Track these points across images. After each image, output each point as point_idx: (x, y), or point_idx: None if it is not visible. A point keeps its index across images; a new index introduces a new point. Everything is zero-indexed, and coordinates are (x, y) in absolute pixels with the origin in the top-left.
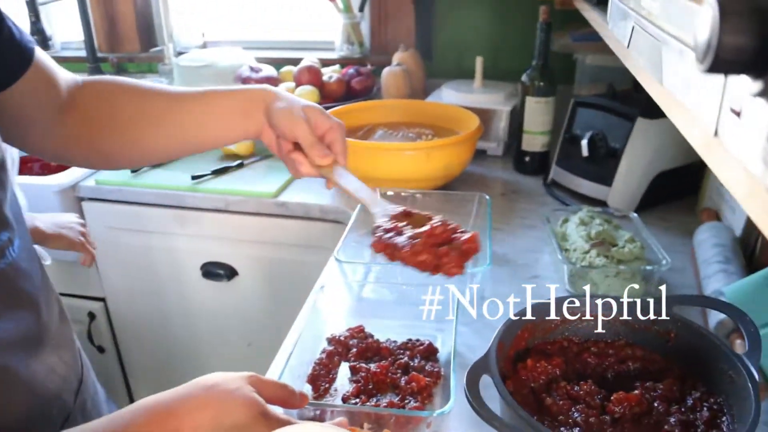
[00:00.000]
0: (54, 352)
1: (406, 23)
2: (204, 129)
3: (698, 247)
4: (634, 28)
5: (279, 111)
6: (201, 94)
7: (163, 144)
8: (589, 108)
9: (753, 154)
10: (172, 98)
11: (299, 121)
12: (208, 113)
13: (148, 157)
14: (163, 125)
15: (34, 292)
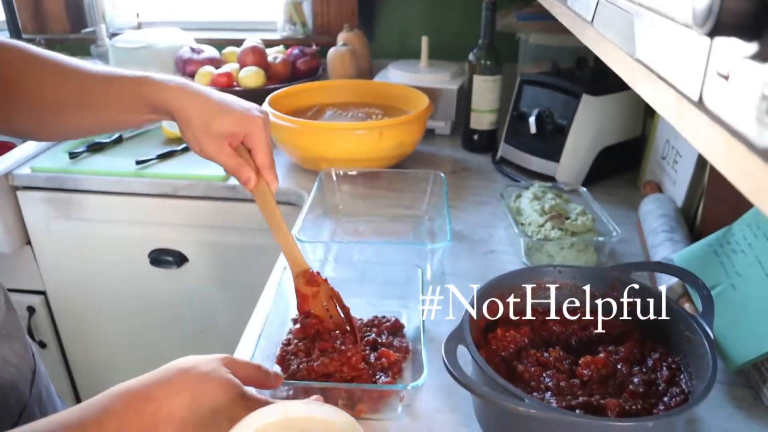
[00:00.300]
0: (5, 343)
1: (349, 3)
2: (107, 120)
3: (644, 218)
4: (599, 2)
5: (188, 133)
6: (109, 81)
7: (70, 127)
8: (536, 86)
9: (744, 116)
10: (81, 83)
11: (210, 146)
12: (111, 107)
13: (59, 137)
14: (69, 111)
15: None
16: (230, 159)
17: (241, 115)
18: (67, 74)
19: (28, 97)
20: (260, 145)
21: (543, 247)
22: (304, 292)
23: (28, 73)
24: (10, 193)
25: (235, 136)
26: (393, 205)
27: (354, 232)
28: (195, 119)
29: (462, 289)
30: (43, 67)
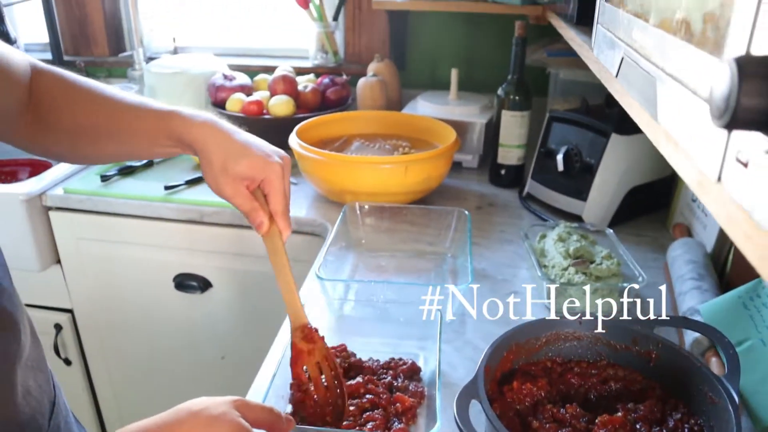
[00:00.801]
0: (30, 374)
1: (381, 33)
2: (136, 150)
3: (672, 263)
4: (624, 59)
5: (207, 172)
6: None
7: (102, 154)
8: (564, 123)
9: (761, 201)
10: (111, 113)
11: (226, 188)
12: (139, 138)
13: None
14: (101, 140)
15: (13, 311)
16: (245, 202)
17: (261, 160)
18: (100, 102)
19: (63, 122)
20: (276, 191)
21: (566, 291)
22: (300, 347)
23: (65, 99)
24: (43, 213)
25: (253, 180)
26: (416, 240)
27: (376, 268)
28: (215, 159)
29: (482, 332)
30: (79, 94)
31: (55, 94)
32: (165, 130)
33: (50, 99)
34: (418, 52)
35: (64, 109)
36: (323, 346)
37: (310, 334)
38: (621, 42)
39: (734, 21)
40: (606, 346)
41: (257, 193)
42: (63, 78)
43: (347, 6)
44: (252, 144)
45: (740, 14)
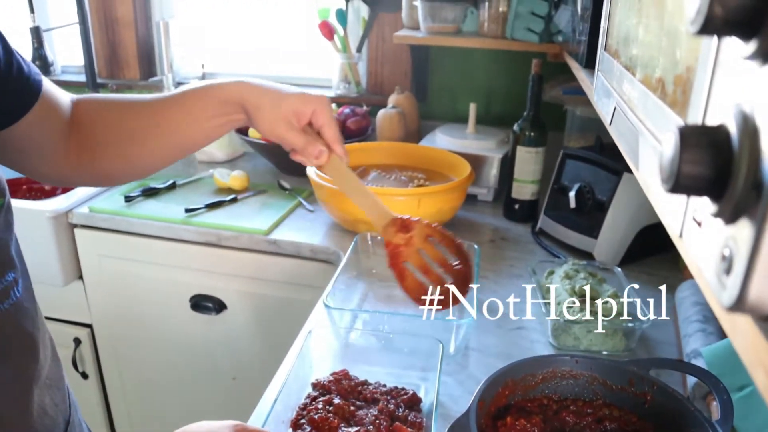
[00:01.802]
0: (46, 393)
1: (403, 66)
2: (187, 136)
3: (680, 304)
4: (616, 109)
5: (259, 117)
6: (179, 99)
7: (154, 156)
8: (578, 160)
9: (709, 265)
10: (154, 109)
11: (280, 126)
12: (188, 121)
13: (146, 171)
14: (150, 139)
15: (34, 332)
16: (300, 136)
17: (306, 94)
18: (140, 106)
19: (109, 136)
20: (328, 121)
21: (570, 328)
22: (396, 241)
23: (105, 114)
24: (68, 230)
25: (303, 114)
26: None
27: (385, 298)
28: (265, 101)
29: (484, 366)
30: (117, 106)
31: (94, 111)
32: (210, 100)
33: (91, 118)
34: (438, 85)
35: (106, 121)
36: (422, 227)
37: (403, 223)
38: (614, 92)
39: (695, 86)
40: (602, 386)
41: (307, 129)
42: (98, 97)
43: (371, 38)
44: (292, 87)
45: (699, 81)
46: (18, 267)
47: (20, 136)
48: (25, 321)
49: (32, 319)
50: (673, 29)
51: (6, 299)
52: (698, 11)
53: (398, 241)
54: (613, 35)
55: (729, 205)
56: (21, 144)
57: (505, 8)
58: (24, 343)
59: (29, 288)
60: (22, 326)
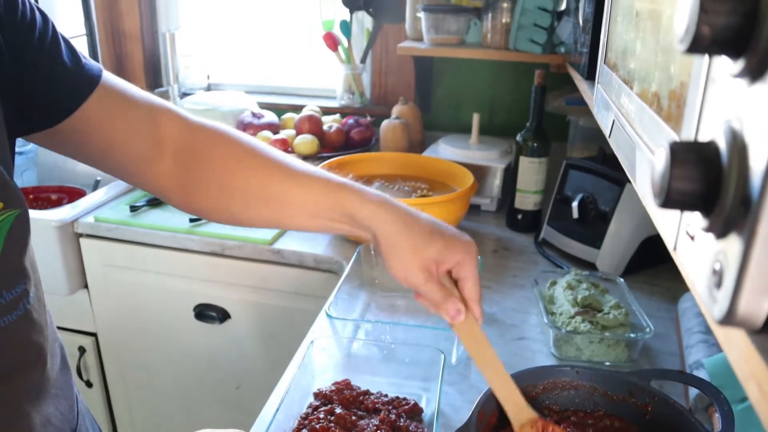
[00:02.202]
0: (52, 403)
1: (406, 77)
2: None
3: (682, 314)
4: (615, 121)
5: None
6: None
7: (250, 219)
8: (581, 171)
9: (701, 279)
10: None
11: (416, 276)
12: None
13: (235, 223)
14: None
15: (43, 342)
16: (439, 288)
17: (456, 241)
18: (261, 166)
19: (214, 180)
20: (472, 275)
21: (572, 339)
22: None
23: (222, 156)
24: (74, 240)
25: (444, 263)
26: None
27: (388, 307)
28: (403, 241)
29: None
30: (237, 154)
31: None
32: (337, 206)
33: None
34: (441, 96)
35: (220, 166)
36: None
37: (546, 428)
38: (613, 105)
39: (689, 102)
40: (603, 397)
41: (444, 278)
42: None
43: (375, 49)
44: (438, 223)
45: (692, 96)
46: (30, 277)
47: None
48: (32, 332)
49: (41, 330)
50: (667, 45)
51: (14, 310)
52: (686, 30)
53: None
54: (613, 48)
55: (719, 220)
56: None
57: (508, 20)
58: (30, 355)
59: (41, 298)
60: (29, 338)
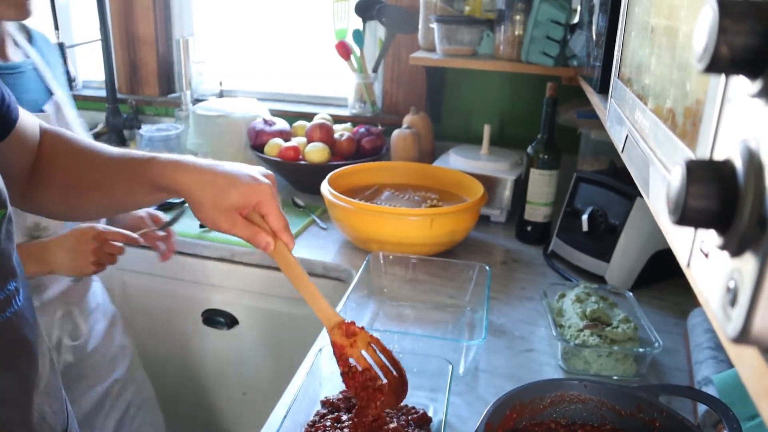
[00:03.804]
0: (45, 401)
1: (418, 86)
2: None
3: (691, 330)
4: (628, 137)
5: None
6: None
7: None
8: (591, 184)
9: (715, 296)
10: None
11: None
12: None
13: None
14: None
15: (34, 341)
16: (245, 229)
17: (249, 186)
18: (89, 158)
19: (56, 179)
20: (272, 210)
21: (580, 352)
22: (341, 342)
23: (61, 156)
24: None
25: (246, 206)
26: (437, 292)
27: (396, 317)
28: (203, 197)
29: (494, 387)
30: (73, 151)
31: (56, 149)
32: (145, 178)
33: (50, 155)
34: (453, 107)
35: (60, 164)
36: (365, 335)
37: (348, 328)
38: (627, 120)
39: (704, 119)
40: (611, 411)
41: (252, 215)
42: (63, 137)
43: (387, 59)
44: (234, 172)
45: (708, 114)
46: (19, 276)
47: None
48: (25, 330)
49: (32, 329)
50: (683, 62)
51: (8, 308)
52: (705, 50)
53: (343, 342)
54: (627, 63)
55: (734, 239)
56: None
57: (520, 32)
58: (24, 352)
59: (29, 298)
60: (23, 335)
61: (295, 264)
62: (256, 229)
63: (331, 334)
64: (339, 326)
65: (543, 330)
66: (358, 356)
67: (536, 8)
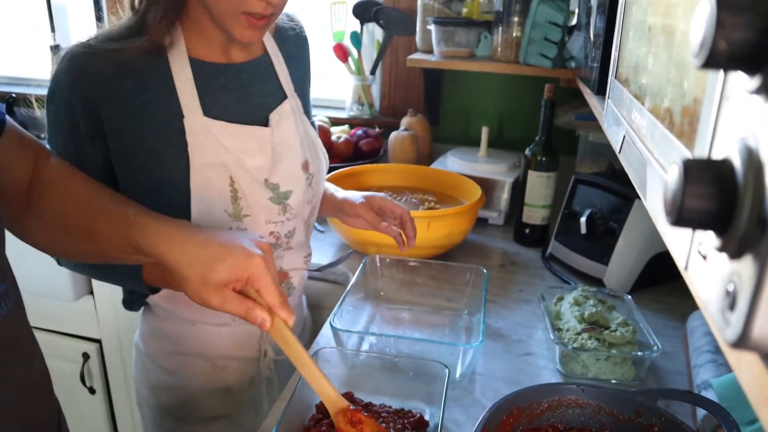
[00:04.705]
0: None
1: (416, 89)
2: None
3: (690, 334)
4: (625, 137)
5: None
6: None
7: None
8: (589, 186)
9: (713, 300)
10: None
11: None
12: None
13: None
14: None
15: (25, 344)
16: (238, 306)
17: (240, 260)
18: (83, 198)
19: (45, 215)
20: (266, 285)
21: (578, 356)
22: (346, 431)
23: (56, 194)
24: None
25: (237, 281)
26: (434, 295)
27: (393, 320)
28: (191, 274)
29: (490, 391)
30: (70, 187)
31: (51, 185)
32: (127, 238)
33: (48, 182)
34: (451, 109)
35: (54, 195)
36: (372, 424)
37: (354, 416)
38: (624, 120)
39: (702, 118)
40: (609, 416)
41: (247, 289)
42: (68, 169)
43: (384, 61)
44: (224, 244)
45: (706, 113)
46: (9, 280)
47: None
48: (15, 333)
49: (22, 332)
50: (681, 60)
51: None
52: (702, 45)
53: (349, 431)
54: (624, 63)
55: (733, 240)
56: None
57: (518, 34)
58: (15, 355)
59: (19, 301)
60: (12, 337)
61: (295, 342)
62: (251, 304)
63: (335, 420)
64: (344, 413)
65: (541, 333)
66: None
67: (534, 10)
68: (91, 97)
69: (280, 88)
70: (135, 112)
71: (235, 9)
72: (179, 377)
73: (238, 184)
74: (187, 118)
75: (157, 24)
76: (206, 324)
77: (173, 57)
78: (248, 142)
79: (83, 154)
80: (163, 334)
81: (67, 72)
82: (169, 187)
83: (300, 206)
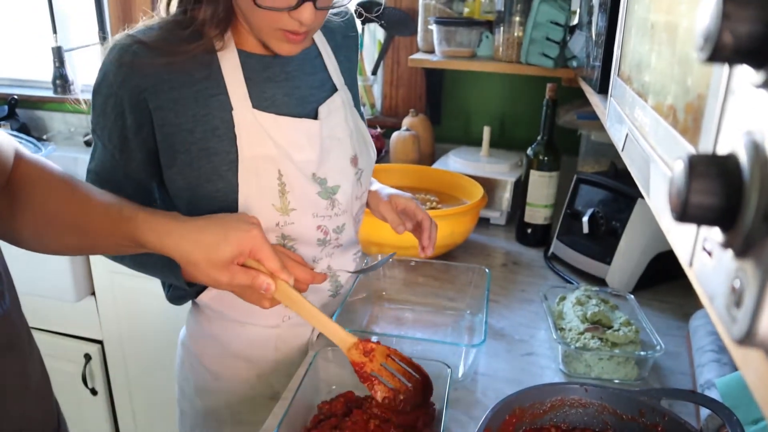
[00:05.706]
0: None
1: (417, 88)
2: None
3: (694, 332)
4: (628, 135)
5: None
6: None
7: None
8: (592, 185)
9: (719, 297)
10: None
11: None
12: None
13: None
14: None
15: (22, 345)
16: (244, 276)
17: (240, 236)
18: (67, 194)
19: (32, 211)
20: (266, 255)
21: (581, 356)
22: (361, 360)
23: (39, 189)
24: None
25: (241, 256)
26: (436, 295)
27: (395, 320)
28: (198, 258)
29: (492, 391)
30: (53, 186)
31: (31, 182)
32: (126, 233)
33: (25, 186)
34: (452, 108)
35: (37, 198)
36: (382, 348)
37: (365, 346)
38: (627, 118)
39: (707, 114)
40: (612, 416)
41: (248, 261)
42: (42, 168)
43: (386, 61)
44: (221, 223)
45: (710, 109)
46: (5, 280)
47: None
48: (12, 333)
49: (20, 333)
50: (684, 56)
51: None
52: (707, 38)
53: (363, 360)
54: (626, 61)
55: (739, 237)
56: None
57: (520, 33)
58: (13, 355)
59: (16, 302)
60: (10, 339)
61: (299, 298)
62: (255, 273)
63: (349, 356)
64: (355, 346)
65: (543, 333)
66: (379, 369)
67: (535, 9)
68: (140, 89)
69: (329, 79)
70: (183, 104)
71: (271, 25)
72: (225, 380)
73: (286, 177)
74: (236, 111)
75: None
76: (255, 325)
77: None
78: (296, 135)
79: (127, 146)
80: (210, 334)
81: (115, 64)
82: (216, 180)
83: (348, 202)
